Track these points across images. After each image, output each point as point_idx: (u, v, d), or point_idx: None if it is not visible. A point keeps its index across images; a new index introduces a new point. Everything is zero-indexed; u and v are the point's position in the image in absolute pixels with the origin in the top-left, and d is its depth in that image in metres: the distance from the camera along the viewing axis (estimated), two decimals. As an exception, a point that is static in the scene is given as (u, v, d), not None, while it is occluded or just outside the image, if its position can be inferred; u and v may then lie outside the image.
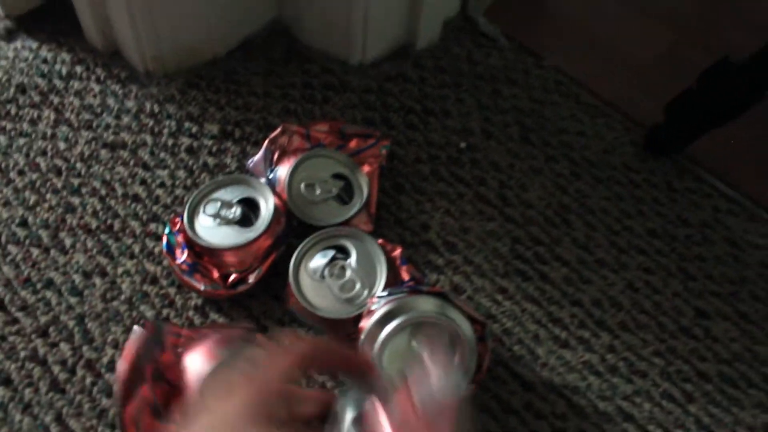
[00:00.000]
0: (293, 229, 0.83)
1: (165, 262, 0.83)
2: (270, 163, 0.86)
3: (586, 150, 0.97)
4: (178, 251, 0.81)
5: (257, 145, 0.92)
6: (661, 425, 0.79)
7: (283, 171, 0.84)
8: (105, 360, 0.77)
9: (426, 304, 0.72)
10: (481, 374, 0.73)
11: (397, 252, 0.80)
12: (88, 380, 0.76)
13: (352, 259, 0.78)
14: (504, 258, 0.87)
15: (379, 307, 0.72)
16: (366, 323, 0.72)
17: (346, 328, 0.77)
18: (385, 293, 0.74)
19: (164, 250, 0.81)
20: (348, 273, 0.77)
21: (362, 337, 0.72)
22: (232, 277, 0.79)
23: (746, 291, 0.88)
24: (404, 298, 0.72)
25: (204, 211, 0.81)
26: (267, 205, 0.81)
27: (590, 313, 0.85)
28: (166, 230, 0.82)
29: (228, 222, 0.80)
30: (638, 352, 0.83)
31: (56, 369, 0.77)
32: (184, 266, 0.80)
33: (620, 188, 0.94)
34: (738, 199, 0.95)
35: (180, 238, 0.81)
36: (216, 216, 0.80)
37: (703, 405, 0.80)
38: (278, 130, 0.88)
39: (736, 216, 0.94)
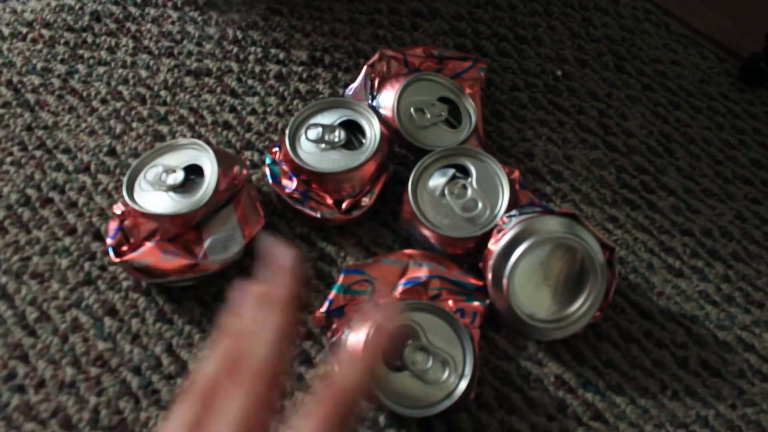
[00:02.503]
0: (395, 153, 0.80)
1: (264, 189, 0.80)
2: (371, 90, 0.82)
3: (681, 79, 0.94)
4: (284, 180, 0.77)
5: (348, 71, 0.89)
6: (782, 356, 0.76)
7: (388, 96, 0.80)
8: (212, 290, 0.74)
9: (559, 225, 0.69)
10: (608, 301, 0.71)
11: (516, 175, 0.76)
12: (197, 310, 0.73)
13: (473, 179, 0.75)
14: (611, 186, 0.84)
15: (511, 227, 0.69)
16: (497, 243, 0.69)
17: (462, 247, 0.74)
18: (515, 212, 0.71)
19: (269, 180, 0.78)
20: (469, 192, 0.74)
21: (493, 256, 0.69)
22: (346, 202, 0.76)
23: None
24: (536, 218, 0.69)
25: (306, 137, 0.77)
26: (372, 126, 0.78)
27: (701, 242, 0.82)
28: (267, 160, 0.79)
29: (333, 146, 0.77)
30: (753, 282, 0.80)
31: (161, 300, 0.73)
32: (296, 194, 0.76)
33: (720, 118, 0.91)
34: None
35: (285, 167, 0.77)
36: (320, 141, 0.77)
37: (823, 336, 0.78)
38: (376, 55, 0.84)
39: (840, 147, 0.91)
